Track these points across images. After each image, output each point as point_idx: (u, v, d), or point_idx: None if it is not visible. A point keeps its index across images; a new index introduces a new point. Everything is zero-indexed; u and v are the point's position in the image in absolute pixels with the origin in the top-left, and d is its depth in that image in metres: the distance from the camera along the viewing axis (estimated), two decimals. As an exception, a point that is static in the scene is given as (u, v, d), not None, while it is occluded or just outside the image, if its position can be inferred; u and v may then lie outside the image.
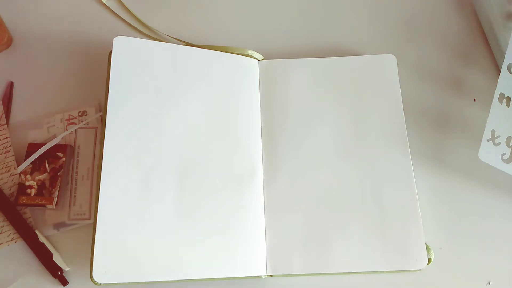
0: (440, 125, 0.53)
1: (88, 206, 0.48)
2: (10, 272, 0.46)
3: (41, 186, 0.47)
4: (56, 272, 0.45)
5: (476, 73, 0.56)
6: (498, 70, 0.54)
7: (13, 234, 0.47)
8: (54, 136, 0.50)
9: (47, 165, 0.48)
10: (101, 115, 0.52)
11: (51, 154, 0.49)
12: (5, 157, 0.49)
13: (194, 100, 0.50)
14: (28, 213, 0.47)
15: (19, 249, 0.47)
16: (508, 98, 0.47)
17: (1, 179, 0.49)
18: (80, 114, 0.52)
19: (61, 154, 0.49)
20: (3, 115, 0.51)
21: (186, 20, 0.59)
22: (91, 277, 0.43)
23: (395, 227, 0.46)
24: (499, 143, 0.47)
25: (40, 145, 0.49)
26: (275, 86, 0.53)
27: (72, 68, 0.55)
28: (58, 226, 0.47)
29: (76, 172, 0.49)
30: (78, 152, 0.50)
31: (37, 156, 0.48)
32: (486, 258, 0.47)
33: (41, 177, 0.48)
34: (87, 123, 0.51)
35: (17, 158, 0.49)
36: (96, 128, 0.51)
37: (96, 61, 0.54)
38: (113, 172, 0.45)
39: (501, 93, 0.47)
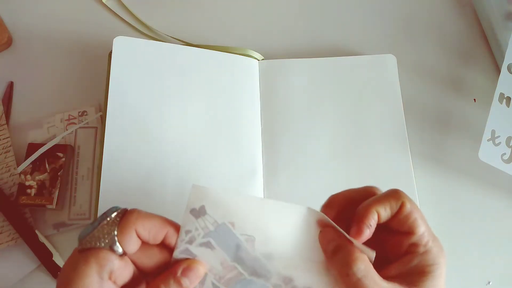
0: (440, 125, 0.53)
1: (88, 206, 0.48)
2: (10, 272, 0.46)
3: (41, 186, 0.47)
4: (56, 272, 0.45)
5: (476, 73, 0.56)
6: (498, 70, 0.54)
7: (13, 234, 0.46)
8: (54, 136, 0.50)
9: (47, 165, 0.48)
10: (101, 115, 0.52)
11: (51, 154, 0.49)
12: (5, 157, 0.49)
13: (194, 100, 0.50)
14: (28, 213, 0.47)
15: (19, 249, 0.46)
16: (508, 98, 0.47)
17: (1, 179, 0.49)
18: (80, 114, 0.52)
19: (61, 154, 0.49)
20: (3, 115, 0.51)
21: (186, 20, 0.58)
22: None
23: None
24: (499, 143, 0.47)
25: (40, 145, 0.49)
26: (275, 86, 0.53)
27: (72, 68, 0.55)
28: (58, 226, 0.47)
29: (76, 172, 0.49)
30: (78, 152, 0.50)
31: (37, 156, 0.48)
32: (486, 258, 0.47)
33: (41, 177, 0.48)
34: (87, 123, 0.51)
35: (17, 158, 0.49)
36: (96, 128, 0.51)
37: (96, 61, 0.54)
38: (113, 172, 0.45)
39: (501, 93, 0.47)
